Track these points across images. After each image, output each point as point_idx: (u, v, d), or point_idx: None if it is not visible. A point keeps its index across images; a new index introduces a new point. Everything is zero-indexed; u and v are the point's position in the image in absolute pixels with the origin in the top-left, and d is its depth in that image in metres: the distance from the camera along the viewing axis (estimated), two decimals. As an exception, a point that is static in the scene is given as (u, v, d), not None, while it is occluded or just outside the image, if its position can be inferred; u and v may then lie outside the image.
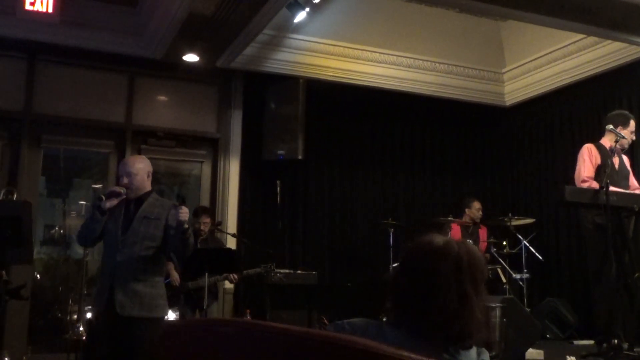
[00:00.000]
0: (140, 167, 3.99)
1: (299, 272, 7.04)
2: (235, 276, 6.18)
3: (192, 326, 1.56)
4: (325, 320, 6.65)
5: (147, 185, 4.03)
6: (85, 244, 4.54)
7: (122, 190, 3.89)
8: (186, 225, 3.78)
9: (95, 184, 7.32)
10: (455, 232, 7.41)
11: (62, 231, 7.14)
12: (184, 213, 3.77)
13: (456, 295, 1.54)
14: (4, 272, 4.75)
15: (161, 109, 7.46)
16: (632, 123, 5.41)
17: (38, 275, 6.77)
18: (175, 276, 6.03)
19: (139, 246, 3.87)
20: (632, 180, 5.56)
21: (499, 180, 8.91)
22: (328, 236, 7.93)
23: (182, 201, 3.84)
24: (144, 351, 3.69)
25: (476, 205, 7.60)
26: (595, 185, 5.02)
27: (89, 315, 5.63)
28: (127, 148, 7.08)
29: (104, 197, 3.84)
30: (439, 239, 1.62)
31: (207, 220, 6.33)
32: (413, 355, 1.22)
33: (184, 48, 6.72)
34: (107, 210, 3.85)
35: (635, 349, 4.85)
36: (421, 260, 1.59)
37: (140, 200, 3.96)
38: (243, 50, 6.91)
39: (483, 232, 7.60)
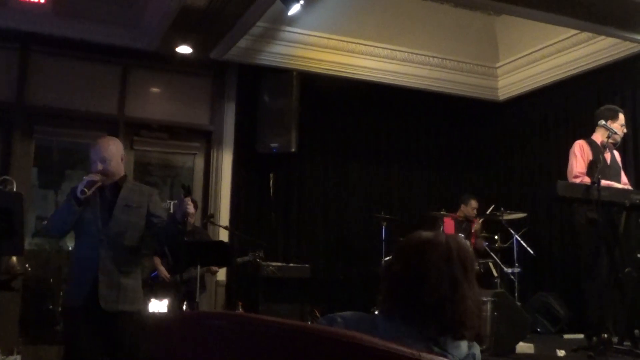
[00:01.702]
0: (114, 150, 3.77)
1: (291, 265, 7.08)
2: (216, 268, 6.17)
3: (184, 319, 1.57)
4: (318, 314, 6.67)
5: (122, 170, 3.82)
6: (57, 235, 4.34)
7: (99, 177, 3.62)
8: (191, 219, 3.70)
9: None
10: (448, 226, 7.45)
11: (53, 223, 7.10)
12: (190, 205, 3.69)
13: (447, 280, 1.57)
14: None
15: (154, 100, 7.44)
16: (621, 116, 5.42)
17: (29, 267, 6.75)
18: (163, 271, 6.04)
19: (123, 237, 3.71)
20: (623, 175, 5.58)
21: (491, 174, 8.94)
22: (321, 229, 7.94)
23: (188, 192, 3.73)
24: (129, 345, 3.63)
25: (473, 203, 7.66)
26: (587, 180, 5.03)
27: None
28: (120, 140, 6.92)
29: (86, 191, 3.55)
30: (428, 232, 1.67)
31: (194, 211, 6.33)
32: (404, 349, 1.22)
33: (177, 40, 6.70)
34: (84, 200, 3.60)
35: (625, 343, 4.88)
36: (412, 251, 1.63)
37: (116, 186, 3.77)
38: (237, 42, 6.90)
39: (474, 226, 7.63)
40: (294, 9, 6.33)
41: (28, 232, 6.72)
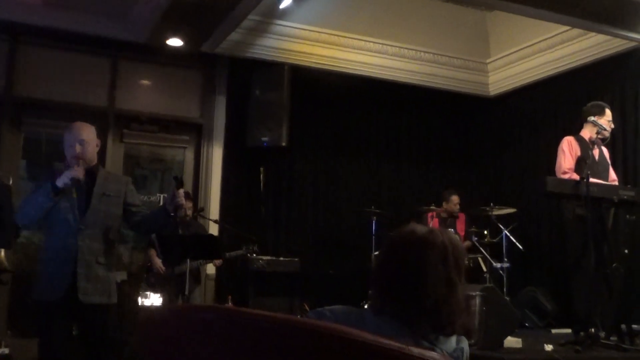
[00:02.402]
0: (91, 135, 3.65)
1: (281, 259, 7.06)
2: (220, 260, 6.19)
3: (173, 313, 1.56)
4: (307, 308, 6.68)
5: (96, 157, 3.70)
6: (30, 225, 4.11)
7: (81, 174, 3.49)
8: (182, 211, 3.64)
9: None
10: (433, 223, 7.46)
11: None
12: (181, 197, 3.61)
13: (444, 281, 1.57)
14: None
15: (144, 93, 7.41)
16: (608, 112, 5.45)
17: (17, 260, 6.70)
18: (158, 263, 6.04)
19: (100, 227, 3.59)
20: (612, 172, 5.62)
21: (481, 170, 8.98)
22: (311, 223, 7.96)
23: (180, 183, 3.66)
24: (107, 338, 3.59)
25: (454, 199, 7.70)
26: (575, 177, 5.06)
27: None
28: (109, 132, 7.04)
29: (69, 180, 3.42)
30: (422, 228, 1.65)
31: (190, 205, 6.32)
32: (393, 343, 1.23)
33: (168, 32, 6.67)
34: (63, 188, 3.45)
35: (611, 338, 4.89)
36: (408, 249, 1.61)
37: (91, 173, 3.63)
38: (228, 35, 6.89)
39: (461, 223, 7.69)
40: (286, 3, 6.33)
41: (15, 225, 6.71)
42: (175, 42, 6.89)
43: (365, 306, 1.70)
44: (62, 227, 3.54)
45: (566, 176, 5.18)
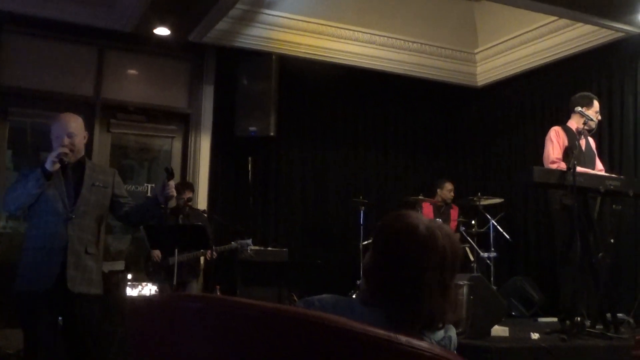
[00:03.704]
0: (79, 127, 3.67)
1: (269, 248, 7.10)
2: (214, 253, 6.15)
3: (161, 302, 1.56)
4: (295, 297, 6.71)
5: (83, 148, 3.72)
6: (16, 211, 4.01)
7: (67, 150, 3.50)
8: (173, 202, 3.65)
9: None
10: (427, 211, 7.52)
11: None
12: (172, 188, 3.63)
13: (440, 288, 1.57)
14: None
15: (131, 83, 7.36)
16: (596, 103, 5.50)
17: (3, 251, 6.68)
18: (156, 252, 6.02)
19: (90, 216, 3.61)
20: (598, 162, 5.67)
21: (469, 160, 9.02)
22: (299, 213, 7.98)
23: (171, 175, 3.67)
24: (93, 329, 3.60)
25: (448, 186, 7.74)
26: (563, 166, 5.11)
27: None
28: (96, 122, 7.00)
29: (57, 162, 3.43)
30: (423, 225, 1.59)
31: (190, 195, 6.36)
32: (381, 332, 1.23)
33: (155, 21, 6.62)
34: (50, 176, 3.46)
35: (597, 327, 4.95)
36: (408, 248, 1.58)
37: (80, 165, 3.66)
38: (216, 24, 6.85)
39: (454, 212, 7.73)
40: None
41: (2, 216, 6.67)
42: (162, 31, 6.85)
43: (354, 296, 1.70)
44: (51, 216, 3.52)
45: (554, 166, 5.21)
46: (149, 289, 5.86)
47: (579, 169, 4.83)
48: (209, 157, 7.48)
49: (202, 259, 6.42)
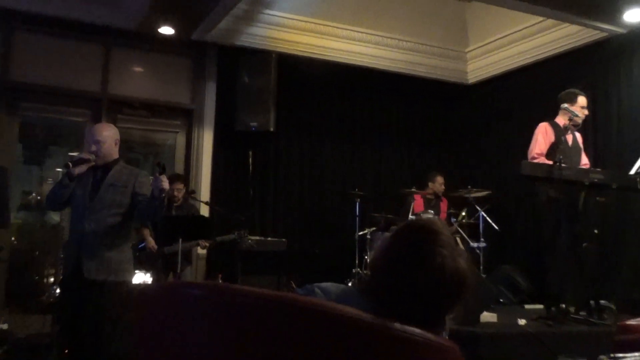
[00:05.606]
0: (108, 135, 4.01)
1: (269, 239, 7.19)
2: (206, 243, 6.31)
3: (164, 289, 1.60)
4: (294, 285, 6.80)
5: (115, 153, 4.05)
6: (53, 208, 4.56)
7: (91, 157, 3.90)
8: (164, 195, 3.85)
9: (72, 152, 7.34)
10: (418, 203, 7.66)
11: (38, 197, 7.20)
12: (165, 182, 3.81)
13: (447, 298, 1.58)
14: None
15: (137, 79, 7.47)
16: (580, 99, 5.59)
17: (15, 240, 6.87)
18: (151, 242, 6.15)
19: (106, 213, 3.88)
20: (584, 156, 5.79)
21: (459, 154, 9.11)
22: (298, 205, 8.08)
23: (163, 169, 3.85)
24: (111, 313, 3.76)
25: (439, 179, 7.84)
26: (543, 160, 5.24)
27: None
28: (103, 117, 7.10)
29: (70, 165, 3.84)
30: (446, 240, 1.57)
31: (181, 186, 6.43)
32: (375, 319, 1.27)
33: (159, 20, 6.75)
34: (76, 176, 3.86)
35: (581, 313, 5.08)
36: (428, 259, 1.53)
37: (108, 167, 3.98)
38: (218, 23, 6.97)
39: (444, 205, 7.83)
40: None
41: (13, 206, 6.81)
42: (166, 30, 6.98)
43: (349, 284, 1.77)
44: (75, 212, 3.97)
45: (535, 161, 5.36)
46: (141, 276, 5.87)
47: (564, 163, 4.94)
48: (212, 150, 7.58)
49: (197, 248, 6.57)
